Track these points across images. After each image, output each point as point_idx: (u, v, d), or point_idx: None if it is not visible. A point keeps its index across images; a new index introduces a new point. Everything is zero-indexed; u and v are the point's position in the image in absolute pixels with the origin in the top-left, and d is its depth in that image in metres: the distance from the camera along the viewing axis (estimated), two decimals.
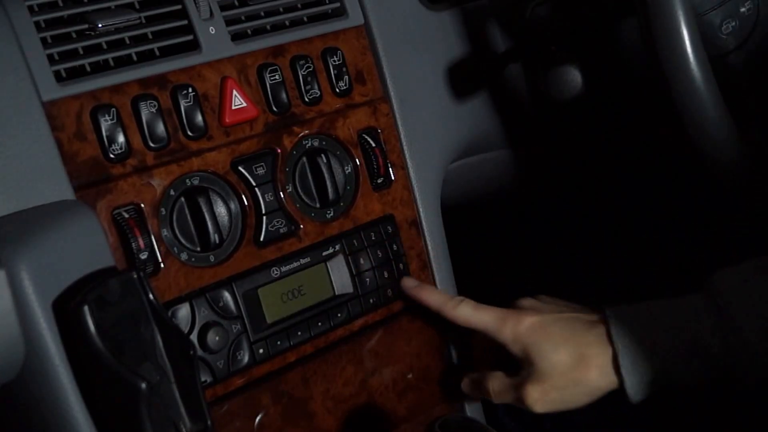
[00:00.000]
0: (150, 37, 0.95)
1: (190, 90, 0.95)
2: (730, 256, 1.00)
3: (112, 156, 0.91)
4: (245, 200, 0.98)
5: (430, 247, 1.11)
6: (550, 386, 0.99)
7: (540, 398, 1.00)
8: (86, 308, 0.80)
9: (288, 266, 1.00)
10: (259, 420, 0.98)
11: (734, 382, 0.95)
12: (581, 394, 1.00)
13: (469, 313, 1.04)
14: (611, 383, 0.98)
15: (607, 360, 0.98)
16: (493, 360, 1.07)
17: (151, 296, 0.84)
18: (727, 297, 0.95)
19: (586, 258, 1.60)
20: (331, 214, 1.04)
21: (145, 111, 0.93)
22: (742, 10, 1.06)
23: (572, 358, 0.98)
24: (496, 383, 1.04)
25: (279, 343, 0.99)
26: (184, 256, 0.94)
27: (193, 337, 0.93)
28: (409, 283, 1.07)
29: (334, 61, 1.05)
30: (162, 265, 0.92)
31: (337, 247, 1.04)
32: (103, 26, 0.92)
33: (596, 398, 1.00)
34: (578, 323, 1.01)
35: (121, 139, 0.91)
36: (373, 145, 1.07)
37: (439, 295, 1.06)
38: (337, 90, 1.06)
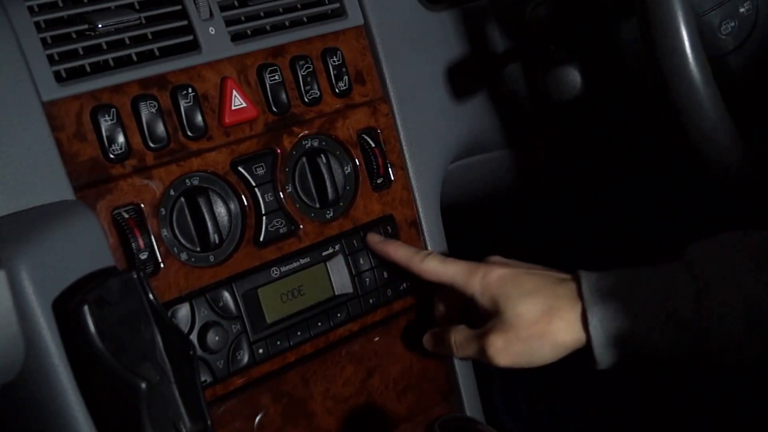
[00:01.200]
0: (150, 37, 0.95)
1: (190, 90, 0.96)
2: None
3: (112, 156, 0.91)
4: (245, 200, 0.98)
5: (429, 247, 1.11)
6: (514, 336, 0.96)
7: (503, 348, 0.97)
8: (86, 308, 0.80)
9: (288, 266, 1.00)
10: (259, 420, 0.98)
11: (707, 355, 0.92)
12: (546, 348, 0.97)
13: (437, 266, 1.02)
14: (577, 341, 0.96)
15: (574, 315, 0.95)
16: (457, 318, 1.05)
17: (151, 296, 0.84)
18: (703, 264, 0.93)
19: (585, 258, 1.60)
20: (331, 214, 1.04)
21: (145, 111, 0.93)
22: (741, 10, 1.06)
23: (539, 309, 0.96)
24: (459, 335, 1.01)
25: (279, 343, 0.99)
26: (183, 256, 0.94)
27: (193, 337, 0.93)
28: (374, 238, 1.05)
29: (334, 61, 1.06)
30: (162, 265, 0.92)
31: (337, 247, 1.04)
32: (103, 26, 0.93)
33: (560, 355, 0.97)
34: (549, 278, 0.99)
35: (121, 139, 0.92)
36: (373, 145, 1.07)
37: (405, 250, 1.05)
38: (337, 90, 1.06)
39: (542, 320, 0.96)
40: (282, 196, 1.01)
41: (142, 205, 0.92)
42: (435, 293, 1.08)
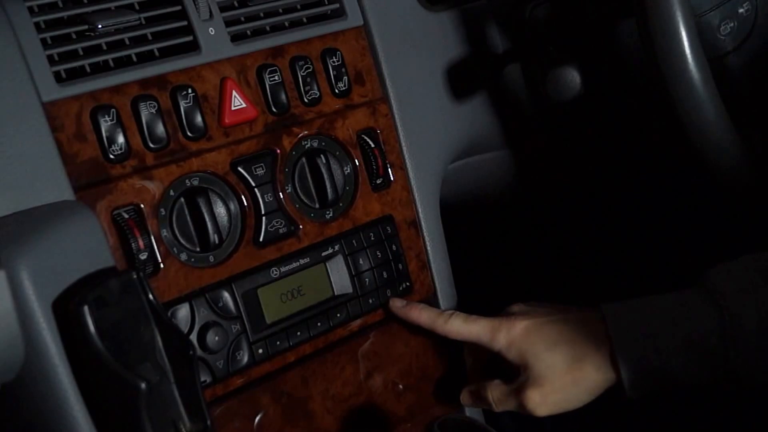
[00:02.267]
0: (150, 37, 0.96)
1: (190, 91, 0.96)
2: (730, 258, 1.00)
3: (111, 156, 0.91)
4: (245, 201, 0.98)
5: (429, 248, 1.11)
6: (549, 389, 0.99)
7: (541, 402, 0.99)
8: (86, 308, 0.80)
9: (287, 266, 1.00)
10: (259, 420, 0.98)
11: (734, 380, 0.94)
12: (581, 393, 0.99)
13: (461, 326, 1.04)
14: (609, 380, 0.98)
15: (603, 356, 0.97)
16: (488, 370, 1.07)
17: (150, 296, 0.84)
18: (724, 289, 0.94)
19: (585, 258, 1.61)
20: (331, 215, 1.04)
21: (145, 112, 0.93)
22: (741, 11, 1.06)
23: (568, 358, 0.98)
24: (496, 392, 1.03)
25: (278, 343, 0.99)
26: (183, 257, 0.94)
27: (193, 337, 0.93)
28: (397, 303, 1.07)
29: (334, 61, 1.06)
30: (162, 266, 0.92)
31: (337, 247, 1.04)
32: (103, 27, 0.93)
33: (597, 395, 0.99)
34: (571, 323, 1.00)
35: (120, 139, 0.92)
36: (372, 145, 1.07)
37: (429, 312, 1.06)
38: (337, 91, 1.06)
39: (573, 368, 0.98)
40: (282, 196, 1.01)
41: (142, 206, 0.92)
42: (464, 347, 1.09)
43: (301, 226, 1.02)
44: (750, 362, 0.93)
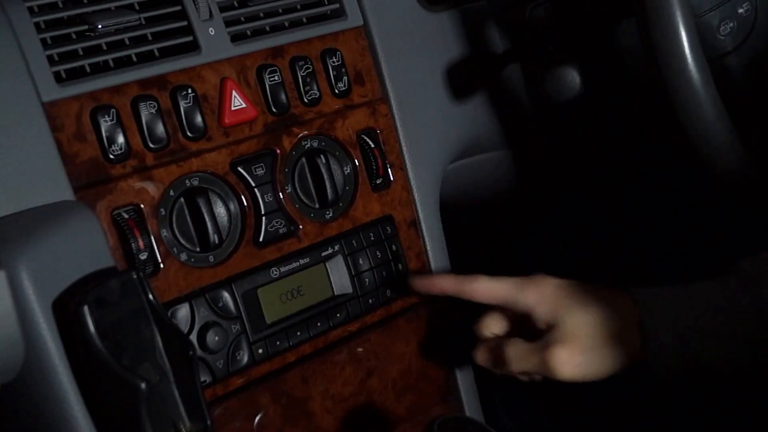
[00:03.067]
0: (150, 38, 0.96)
1: (190, 91, 0.96)
2: (730, 258, 0.99)
3: (111, 157, 0.91)
4: (244, 201, 0.98)
5: (429, 248, 1.11)
6: (579, 348, 0.94)
7: (568, 361, 0.94)
8: (86, 308, 0.80)
9: (287, 266, 1.00)
10: (259, 420, 0.98)
11: (764, 373, 0.92)
12: (609, 359, 0.95)
13: (489, 284, 1.00)
14: (637, 352, 0.94)
15: (633, 327, 0.94)
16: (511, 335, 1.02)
17: (150, 296, 0.84)
18: (759, 277, 0.92)
19: (585, 258, 1.61)
20: (331, 215, 1.04)
21: (145, 112, 0.93)
22: (740, 11, 1.06)
23: (602, 319, 0.94)
24: (517, 348, 0.98)
25: (278, 343, 0.99)
26: (183, 257, 0.94)
27: (193, 337, 0.93)
28: (416, 280, 1.05)
29: (333, 62, 1.06)
30: (161, 266, 0.92)
31: (337, 247, 1.04)
32: (102, 27, 0.93)
33: (623, 367, 0.96)
34: (603, 290, 0.97)
35: (120, 139, 0.92)
36: (372, 145, 1.07)
37: (452, 279, 1.03)
38: (336, 91, 1.06)
39: (607, 328, 0.94)
40: (281, 196, 1.01)
41: (142, 206, 0.92)
42: (485, 314, 1.04)
43: (301, 226, 1.02)
44: None
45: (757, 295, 0.92)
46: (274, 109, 1.01)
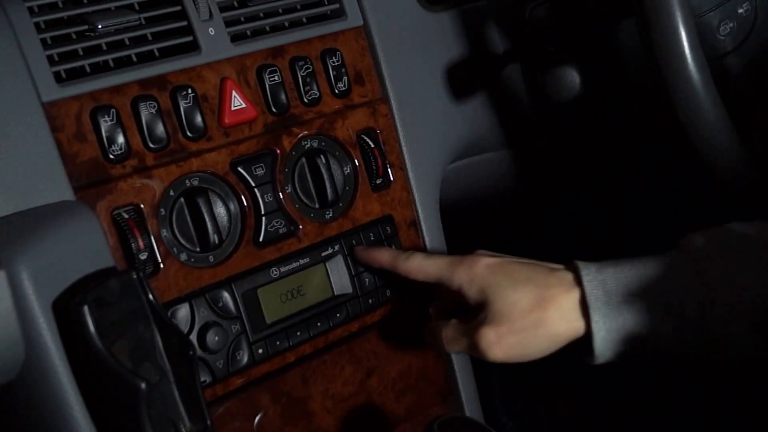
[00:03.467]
0: (150, 38, 0.96)
1: (190, 91, 0.96)
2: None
3: (111, 157, 0.91)
4: (244, 201, 0.98)
5: (428, 248, 1.11)
6: (507, 329, 0.92)
7: (496, 341, 0.92)
8: (86, 308, 0.80)
9: (287, 266, 1.00)
10: (259, 420, 0.98)
11: (710, 351, 0.90)
12: (541, 339, 0.93)
13: (422, 261, 0.99)
14: (573, 331, 0.92)
15: (570, 305, 0.91)
16: (452, 315, 1.01)
17: (150, 296, 0.85)
18: (708, 261, 0.90)
19: (584, 258, 1.61)
20: (330, 215, 1.04)
21: (145, 112, 0.93)
22: (740, 11, 1.06)
23: (532, 298, 0.92)
24: (450, 330, 0.97)
25: (278, 343, 0.99)
26: (183, 257, 0.94)
27: (193, 337, 0.93)
28: (359, 248, 1.04)
29: (333, 62, 1.06)
30: (161, 266, 0.92)
31: (337, 247, 1.04)
32: (102, 27, 0.93)
33: (556, 348, 0.93)
34: (540, 268, 0.95)
35: (120, 139, 0.92)
36: (372, 145, 1.07)
37: (389, 252, 1.03)
38: (336, 91, 1.06)
39: (536, 309, 0.92)
40: (281, 196, 1.01)
41: (142, 206, 0.92)
42: (436, 295, 1.05)
43: (300, 226, 1.02)
44: (728, 333, 0.89)
45: (701, 272, 0.90)
46: (274, 109, 1.01)
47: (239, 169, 0.98)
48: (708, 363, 0.92)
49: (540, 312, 0.92)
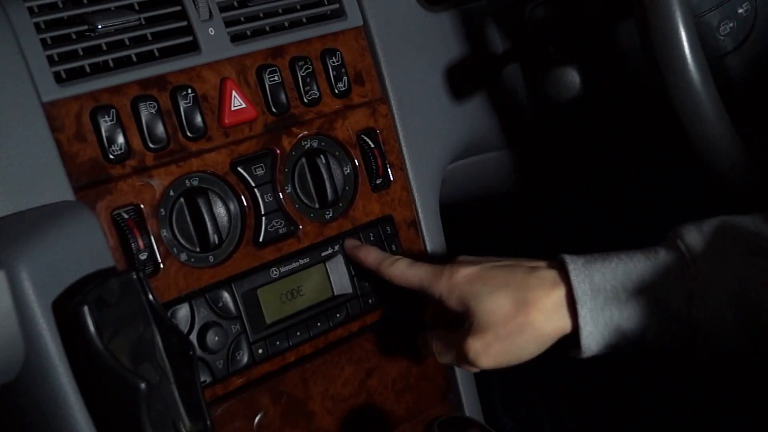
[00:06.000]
0: (149, 38, 0.96)
1: (190, 91, 0.96)
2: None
3: (111, 157, 0.91)
4: (244, 201, 0.98)
5: (428, 248, 1.11)
6: (492, 337, 0.92)
7: (483, 351, 0.92)
8: (86, 308, 0.80)
9: (287, 267, 1.00)
10: (259, 420, 0.98)
11: (696, 345, 0.90)
12: (528, 343, 0.92)
13: (405, 270, 0.99)
14: (560, 329, 0.92)
15: (553, 302, 0.91)
16: (442, 322, 1.01)
17: (150, 296, 0.85)
18: (695, 254, 0.90)
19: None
20: (330, 215, 1.04)
21: (145, 112, 0.93)
22: (740, 11, 1.06)
23: (513, 302, 0.92)
24: (438, 341, 0.98)
25: (278, 343, 0.99)
26: (183, 257, 0.94)
27: (193, 337, 0.93)
28: (349, 243, 1.04)
29: (333, 62, 1.06)
30: (161, 266, 0.92)
31: (336, 247, 1.04)
32: (102, 27, 0.93)
33: (545, 347, 0.93)
34: (519, 269, 0.95)
35: (120, 139, 0.92)
36: (372, 145, 1.07)
37: (376, 254, 1.02)
38: (336, 91, 1.06)
39: (519, 314, 0.91)
40: (281, 196, 1.01)
41: (142, 206, 0.92)
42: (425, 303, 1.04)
43: (300, 227, 1.02)
44: (714, 328, 0.89)
45: (687, 264, 0.89)
46: (274, 109, 1.01)
47: (239, 169, 0.98)
48: (694, 356, 0.92)
49: (523, 316, 0.92)
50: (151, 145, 0.93)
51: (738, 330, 0.89)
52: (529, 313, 0.91)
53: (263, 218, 0.99)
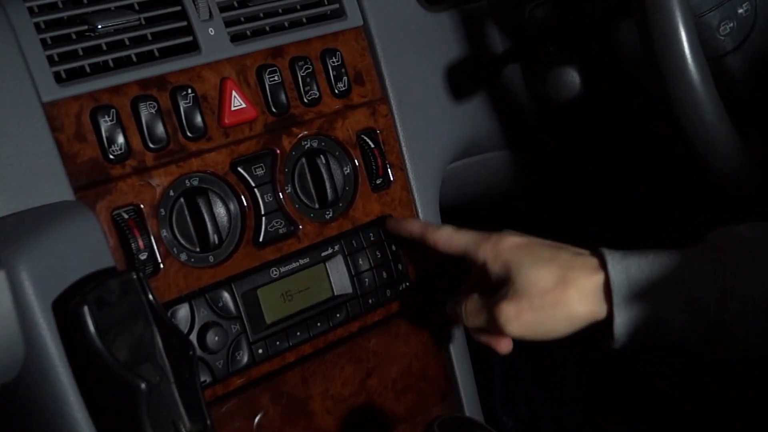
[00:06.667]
0: (149, 38, 0.96)
1: (190, 91, 0.96)
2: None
3: (111, 157, 0.91)
4: (244, 201, 0.98)
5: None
6: (527, 305, 0.93)
7: (515, 316, 0.94)
8: (86, 308, 0.80)
9: (287, 267, 1.00)
10: (259, 420, 0.98)
11: (727, 344, 0.91)
12: (560, 320, 0.94)
13: (451, 235, 1.00)
14: (592, 314, 0.93)
15: (591, 286, 0.92)
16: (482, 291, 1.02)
17: (150, 296, 0.84)
18: (729, 255, 0.91)
19: None
20: (330, 215, 1.04)
21: (145, 112, 0.93)
22: (740, 11, 1.06)
23: (554, 277, 0.93)
24: (470, 304, 0.99)
25: (278, 343, 0.99)
26: (183, 257, 0.94)
27: (193, 337, 0.93)
28: (391, 220, 1.06)
29: (333, 62, 1.06)
30: (161, 266, 0.92)
31: (336, 247, 1.04)
32: (102, 27, 0.93)
33: (574, 329, 0.94)
34: (564, 250, 0.96)
35: (120, 140, 0.92)
36: (372, 146, 1.07)
37: (420, 223, 1.05)
38: (336, 91, 1.06)
39: (557, 289, 0.93)
40: (281, 196, 1.01)
41: (142, 206, 0.92)
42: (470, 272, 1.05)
43: (300, 227, 1.02)
44: (745, 327, 0.89)
45: (722, 265, 0.90)
46: (274, 109, 1.01)
47: (239, 169, 0.98)
48: (722, 355, 0.92)
49: (560, 292, 0.93)
50: (151, 145, 0.93)
51: (766, 332, 0.89)
52: (567, 291, 0.93)
53: (263, 218, 0.99)
